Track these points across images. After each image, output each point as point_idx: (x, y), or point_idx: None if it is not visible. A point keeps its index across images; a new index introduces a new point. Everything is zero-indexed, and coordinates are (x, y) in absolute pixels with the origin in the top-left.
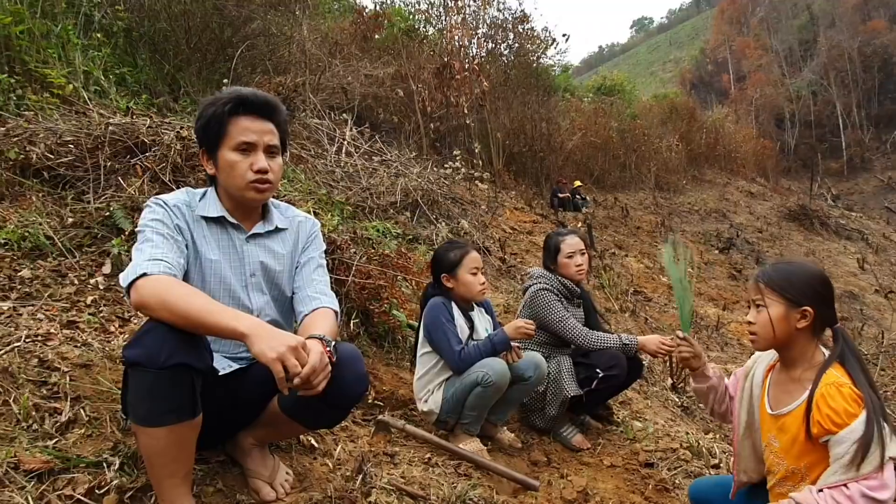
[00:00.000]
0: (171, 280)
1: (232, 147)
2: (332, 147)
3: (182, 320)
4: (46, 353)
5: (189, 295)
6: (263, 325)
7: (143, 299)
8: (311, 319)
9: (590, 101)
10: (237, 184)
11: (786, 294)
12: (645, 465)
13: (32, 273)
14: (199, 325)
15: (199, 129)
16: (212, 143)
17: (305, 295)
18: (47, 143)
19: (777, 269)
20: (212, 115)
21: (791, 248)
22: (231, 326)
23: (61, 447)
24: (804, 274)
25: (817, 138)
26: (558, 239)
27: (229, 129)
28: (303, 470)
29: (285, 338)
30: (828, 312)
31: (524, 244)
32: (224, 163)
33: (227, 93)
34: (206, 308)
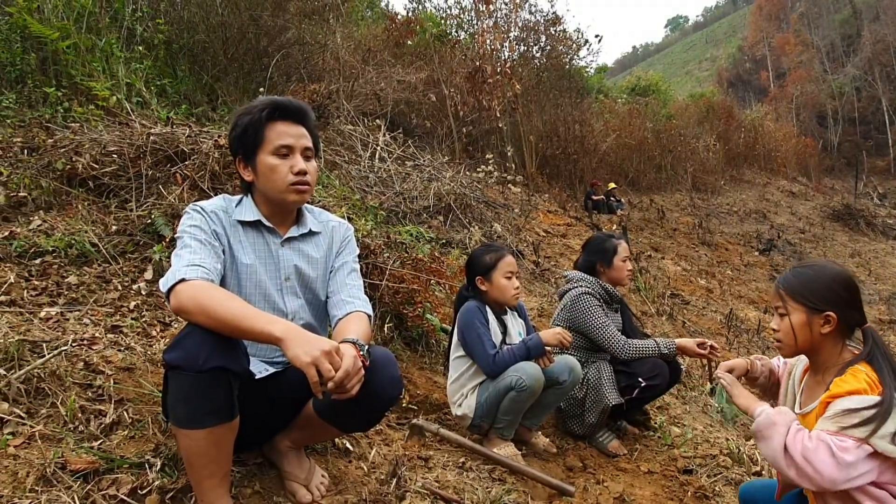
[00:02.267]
0: (208, 285)
1: (271, 151)
2: (365, 153)
3: (219, 324)
4: (92, 356)
5: (226, 299)
6: (298, 329)
7: (182, 304)
8: (344, 323)
9: (624, 102)
10: (278, 187)
11: (807, 300)
12: (684, 472)
13: (79, 279)
14: (236, 329)
15: (235, 138)
16: (249, 149)
17: (339, 299)
18: (92, 153)
19: (797, 275)
20: (248, 122)
21: (835, 248)
22: (266, 331)
23: (106, 448)
24: (825, 278)
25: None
26: (615, 242)
27: (267, 135)
28: (338, 473)
29: (319, 342)
30: (853, 314)
31: (558, 247)
32: (264, 167)
33: (261, 101)
34: (242, 312)
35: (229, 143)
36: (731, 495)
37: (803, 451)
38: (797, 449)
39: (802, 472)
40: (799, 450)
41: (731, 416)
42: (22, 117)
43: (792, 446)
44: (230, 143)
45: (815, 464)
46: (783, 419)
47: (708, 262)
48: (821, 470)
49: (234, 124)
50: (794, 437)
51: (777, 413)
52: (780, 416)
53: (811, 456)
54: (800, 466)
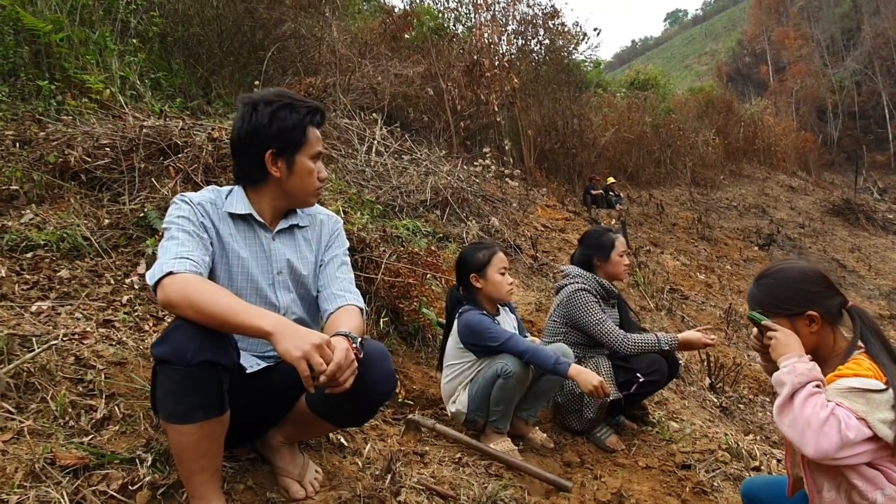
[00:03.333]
0: (196, 278)
1: (311, 155)
2: (361, 147)
3: (208, 318)
4: (83, 351)
5: (215, 293)
6: (288, 323)
7: (170, 298)
8: (336, 317)
9: (623, 96)
10: (308, 190)
11: (784, 309)
12: (682, 467)
13: (70, 273)
14: (225, 323)
15: (277, 131)
16: (291, 147)
17: (330, 293)
18: (85, 146)
19: (762, 288)
20: (297, 120)
21: (835, 243)
22: (256, 325)
23: (96, 443)
24: (792, 280)
25: (862, 130)
26: (612, 236)
27: (309, 137)
28: (332, 468)
29: (310, 335)
30: (832, 302)
31: (556, 241)
32: (302, 169)
33: (297, 98)
34: (231, 306)
35: (257, 131)
36: (729, 490)
37: (811, 416)
38: (805, 413)
39: (801, 433)
40: (807, 414)
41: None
42: (15, 110)
43: (799, 407)
44: (260, 132)
45: (819, 433)
46: (793, 380)
47: (707, 256)
48: (820, 440)
49: (270, 114)
50: (804, 400)
51: (790, 373)
52: (791, 377)
53: (817, 424)
54: (799, 427)
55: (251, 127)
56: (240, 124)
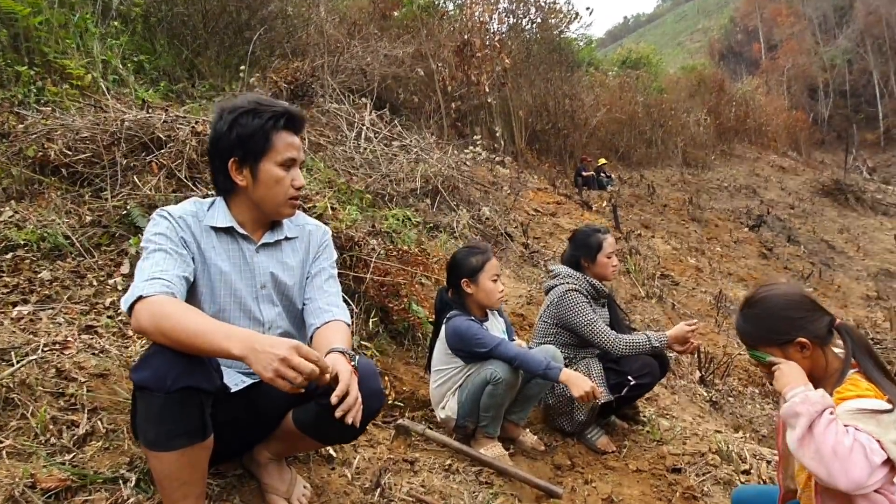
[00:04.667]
0: (165, 301)
1: (278, 162)
2: (351, 132)
3: (177, 345)
4: (64, 362)
5: (181, 316)
6: (254, 340)
7: (141, 325)
8: (323, 333)
9: (615, 75)
10: (278, 200)
11: (773, 339)
12: (672, 471)
13: (52, 275)
14: (193, 348)
15: (235, 138)
16: (253, 154)
17: (316, 307)
18: (65, 139)
19: (749, 319)
20: (258, 126)
21: (824, 224)
22: (224, 348)
23: (78, 461)
24: (776, 309)
25: (853, 108)
26: (600, 237)
27: (275, 143)
28: (320, 482)
29: (276, 349)
30: (819, 324)
31: (547, 226)
32: (267, 177)
33: (264, 103)
34: (197, 330)
35: (219, 140)
36: (719, 495)
37: (836, 445)
38: (828, 441)
39: (828, 466)
40: (831, 443)
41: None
42: None
43: (821, 437)
44: (222, 140)
45: (847, 463)
46: (809, 409)
47: (698, 238)
48: (851, 470)
49: (231, 121)
50: (825, 428)
51: (803, 403)
52: (806, 407)
53: (844, 453)
54: (825, 460)
55: (214, 135)
56: (209, 133)
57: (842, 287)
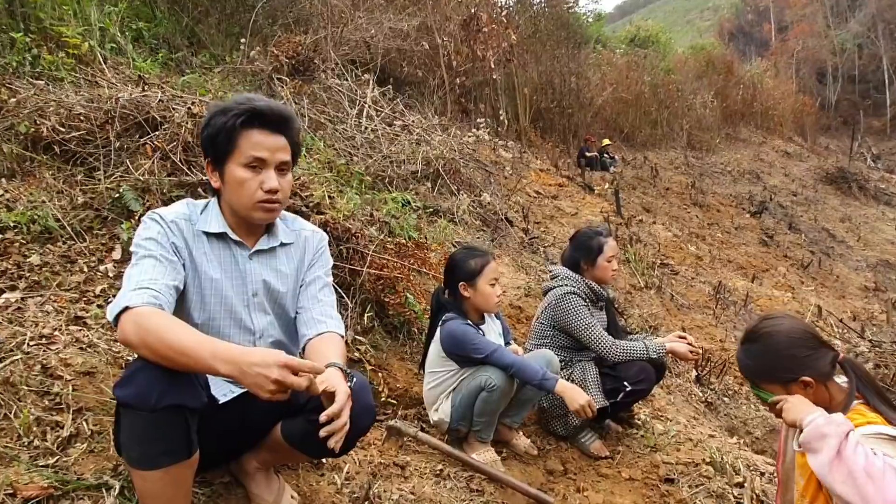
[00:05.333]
0: (151, 313)
1: (242, 163)
2: (353, 110)
3: (162, 361)
4: (50, 359)
5: (167, 331)
6: (241, 361)
7: (126, 337)
8: (317, 346)
9: (622, 54)
10: (244, 203)
11: (776, 378)
12: (665, 481)
13: (41, 259)
14: (178, 366)
15: (205, 139)
16: (219, 155)
17: (310, 317)
18: (58, 115)
19: (751, 355)
20: (222, 125)
21: (826, 212)
22: (211, 367)
23: (62, 465)
24: (779, 346)
25: (860, 94)
26: (601, 240)
27: (240, 143)
28: (309, 491)
29: (266, 369)
30: (823, 361)
31: (549, 209)
32: (231, 179)
33: (239, 101)
34: (182, 348)
35: (201, 140)
36: None
37: (868, 466)
38: (860, 462)
39: (862, 490)
40: (862, 465)
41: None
42: None
43: (852, 459)
44: (202, 141)
45: (882, 483)
46: (836, 430)
47: (699, 223)
48: (887, 491)
49: (206, 121)
50: (854, 450)
51: (828, 423)
52: (832, 427)
53: (878, 475)
54: (859, 482)
55: (201, 137)
56: None
57: (840, 277)
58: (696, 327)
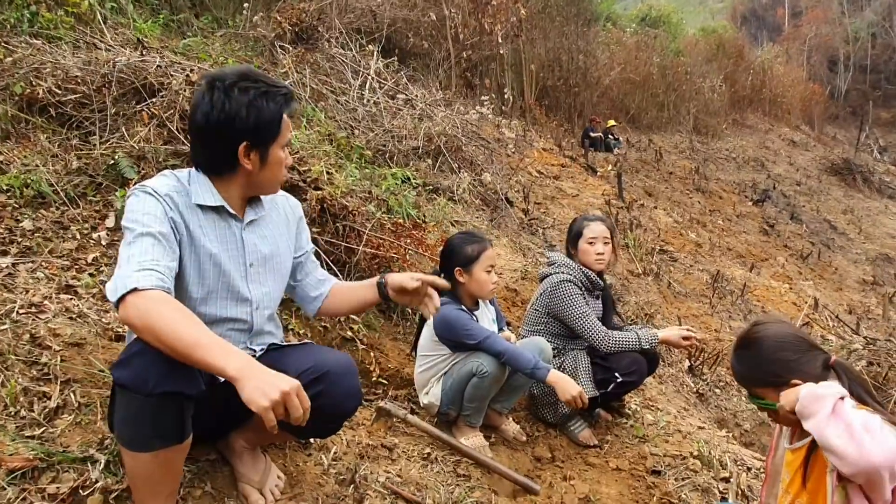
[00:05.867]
0: (161, 299)
1: (283, 144)
2: (356, 81)
3: (168, 350)
4: (39, 328)
5: (178, 323)
6: (254, 365)
7: (131, 321)
8: (338, 290)
9: (632, 33)
10: (279, 180)
11: (767, 382)
12: (651, 472)
13: (34, 224)
14: (185, 359)
15: (255, 123)
16: (267, 138)
17: (315, 279)
18: (55, 77)
19: (743, 361)
20: (274, 111)
21: (829, 204)
22: (219, 367)
23: (48, 436)
24: (768, 351)
25: (871, 85)
26: (582, 223)
27: (282, 128)
28: (295, 471)
29: (279, 382)
30: (815, 364)
31: (549, 190)
32: (275, 160)
33: (271, 84)
34: (193, 342)
35: (233, 121)
36: (696, 502)
37: (866, 421)
38: (857, 417)
39: (859, 440)
40: (860, 419)
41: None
42: None
43: (849, 414)
44: (236, 122)
45: (880, 436)
46: (832, 392)
47: (700, 210)
48: (885, 442)
49: (247, 104)
50: (850, 408)
51: (824, 388)
52: (828, 390)
53: (875, 427)
54: (856, 434)
55: (225, 117)
56: (208, 110)
57: (839, 269)
58: (692, 316)
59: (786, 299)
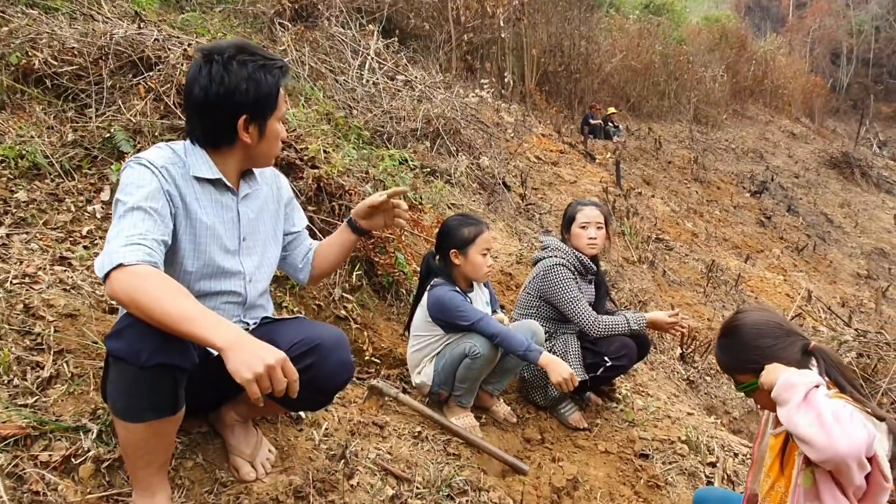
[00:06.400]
0: (147, 273)
1: (279, 118)
2: (355, 61)
3: (157, 324)
4: (33, 298)
5: (163, 295)
6: (242, 335)
7: (118, 295)
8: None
9: (635, 20)
10: (274, 153)
11: (748, 368)
12: (639, 456)
13: (29, 195)
14: (174, 331)
15: (254, 96)
16: (265, 111)
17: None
18: (51, 48)
19: (724, 349)
20: (273, 84)
21: (826, 197)
22: (208, 338)
23: (41, 405)
24: (746, 339)
25: (873, 78)
26: (576, 207)
27: (279, 99)
28: (287, 445)
29: (265, 354)
30: (793, 350)
31: (547, 176)
32: (272, 133)
33: (268, 57)
34: (181, 314)
35: (232, 95)
36: (682, 485)
37: (836, 411)
38: (828, 406)
39: (829, 430)
40: (831, 408)
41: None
42: None
43: (820, 403)
44: (236, 96)
45: (850, 427)
46: (806, 380)
47: (698, 199)
48: (853, 434)
49: (246, 77)
50: (822, 397)
51: (800, 375)
52: (802, 378)
53: (846, 418)
54: (826, 423)
55: (225, 90)
56: (207, 83)
57: (834, 262)
58: (686, 304)
59: (780, 290)
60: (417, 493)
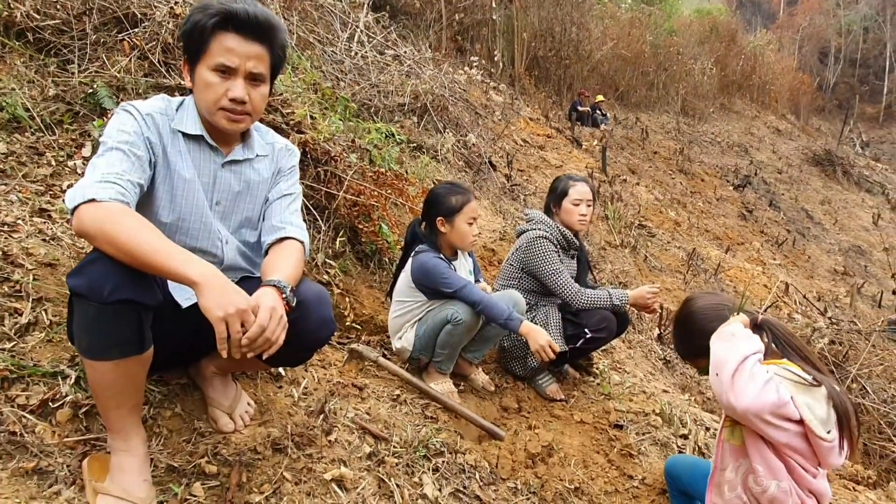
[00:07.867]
0: (119, 209)
1: (211, 66)
2: (344, 33)
3: (127, 258)
4: (12, 246)
5: (137, 230)
6: (217, 274)
7: (85, 228)
8: (271, 257)
9: (627, 9)
10: (208, 107)
11: (699, 352)
12: (614, 426)
13: (8, 148)
14: (146, 265)
15: (182, 35)
16: (192, 55)
17: (271, 225)
18: (34, 0)
19: (677, 339)
20: (196, 23)
21: (807, 193)
22: (181, 271)
23: (18, 351)
24: (692, 325)
25: (859, 79)
26: (568, 182)
27: (211, 46)
28: (266, 400)
29: (237, 297)
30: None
31: (533, 159)
32: (200, 81)
33: (224, 3)
34: (154, 248)
35: (180, 37)
36: (655, 455)
37: (757, 373)
38: (750, 368)
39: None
40: (754, 371)
41: None
42: None
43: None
44: (181, 37)
45: (761, 388)
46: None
47: (682, 191)
48: (763, 394)
49: (187, 17)
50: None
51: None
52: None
53: (761, 381)
54: (742, 380)
55: (180, 34)
56: None
57: (812, 258)
58: (666, 290)
59: (757, 281)
60: (395, 452)
